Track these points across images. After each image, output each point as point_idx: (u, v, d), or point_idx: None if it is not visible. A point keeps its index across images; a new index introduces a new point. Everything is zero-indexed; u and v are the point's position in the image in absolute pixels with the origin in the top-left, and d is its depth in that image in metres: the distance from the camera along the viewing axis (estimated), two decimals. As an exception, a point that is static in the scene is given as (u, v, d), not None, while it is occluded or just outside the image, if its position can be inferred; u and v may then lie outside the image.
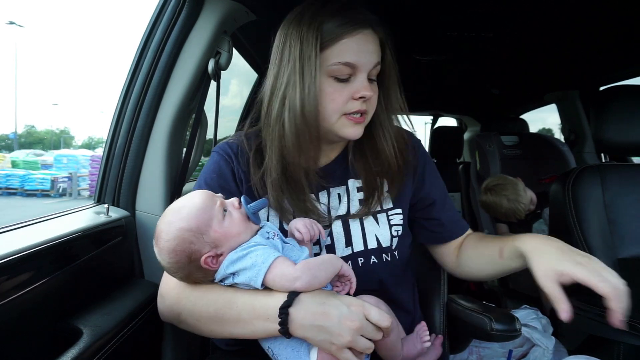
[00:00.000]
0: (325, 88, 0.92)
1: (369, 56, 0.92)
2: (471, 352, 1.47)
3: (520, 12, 1.49)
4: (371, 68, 0.93)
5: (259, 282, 0.79)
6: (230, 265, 0.82)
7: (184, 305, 0.88)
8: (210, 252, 0.82)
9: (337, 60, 0.90)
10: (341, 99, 0.92)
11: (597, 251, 1.44)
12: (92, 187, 12.73)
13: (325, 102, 0.92)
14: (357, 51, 0.91)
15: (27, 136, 47.14)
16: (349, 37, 0.90)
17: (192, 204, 0.84)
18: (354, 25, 0.91)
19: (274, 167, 0.95)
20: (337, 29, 0.90)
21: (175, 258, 0.82)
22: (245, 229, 0.85)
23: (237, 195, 0.98)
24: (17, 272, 0.74)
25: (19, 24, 36.32)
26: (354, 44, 0.91)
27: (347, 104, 0.93)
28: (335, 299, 0.79)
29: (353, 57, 0.90)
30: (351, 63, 0.90)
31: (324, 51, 0.91)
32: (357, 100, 0.92)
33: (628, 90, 1.58)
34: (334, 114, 0.93)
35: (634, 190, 1.50)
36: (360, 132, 0.96)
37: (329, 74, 0.91)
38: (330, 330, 0.75)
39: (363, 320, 0.76)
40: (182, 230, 0.81)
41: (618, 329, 0.84)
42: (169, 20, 1.21)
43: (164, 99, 1.24)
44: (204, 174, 1.02)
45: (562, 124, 2.80)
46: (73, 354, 0.74)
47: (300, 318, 0.77)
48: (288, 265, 0.79)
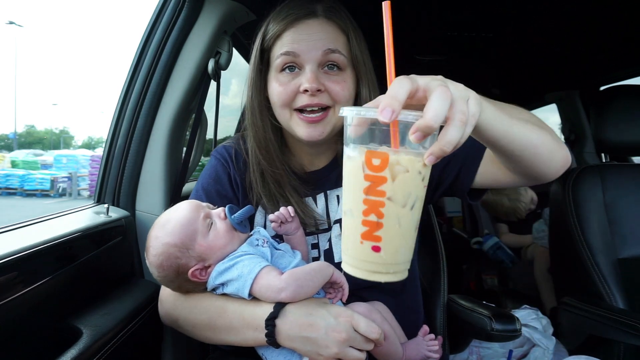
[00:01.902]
0: (274, 84, 0.92)
1: (313, 43, 0.89)
2: (471, 352, 1.47)
3: (520, 12, 1.49)
4: (320, 56, 0.89)
5: (246, 293, 0.80)
6: (218, 276, 0.82)
7: (179, 313, 0.89)
8: (197, 266, 0.83)
9: (279, 52, 0.91)
10: (286, 92, 0.90)
11: (597, 251, 1.44)
12: (92, 187, 12.72)
13: (274, 97, 0.92)
14: (297, 40, 0.90)
15: (27, 136, 47.12)
16: (290, 28, 0.91)
17: (177, 218, 0.84)
18: (295, 16, 0.90)
19: (256, 169, 0.97)
20: (279, 24, 0.91)
21: (163, 272, 0.84)
22: (232, 240, 0.85)
23: (234, 200, 0.98)
24: (17, 272, 0.74)
25: (19, 24, 36.34)
26: (295, 34, 0.90)
27: (296, 99, 0.90)
28: (322, 309, 0.78)
29: (292, 46, 0.89)
30: (290, 52, 0.89)
31: (272, 49, 0.93)
32: (304, 94, 0.89)
33: (628, 90, 1.58)
34: (284, 109, 0.92)
35: (634, 190, 1.50)
36: (317, 134, 0.90)
37: (277, 70, 0.92)
38: (317, 341, 0.76)
39: (351, 331, 0.76)
40: (168, 246, 0.82)
41: (618, 329, 0.83)
42: (169, 20, 1.21)
43: (164, 99, 1.23)
44: (201, 179, 1.02)
45: (562, 124, 2.80)
46: (73, 354, 0.74)
47: (286, 329, 0.77)
48: (274, 276, 0.79)
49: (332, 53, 0.89)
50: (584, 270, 1.44)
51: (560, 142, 0.82)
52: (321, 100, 0.89)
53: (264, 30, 0.94)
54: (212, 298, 0.86)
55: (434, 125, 0.49)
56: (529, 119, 0.77)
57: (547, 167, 0.80)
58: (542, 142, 0.75)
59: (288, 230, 0.90)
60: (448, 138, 0.50)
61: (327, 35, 0.90)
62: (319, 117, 0.89)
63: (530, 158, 0.76)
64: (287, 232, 0.90)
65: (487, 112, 0.63)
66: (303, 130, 0.90)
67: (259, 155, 0.96)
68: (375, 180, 0.51)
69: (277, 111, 0.93)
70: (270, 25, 0.93)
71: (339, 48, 0.90)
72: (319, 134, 0.90)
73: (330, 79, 0.89)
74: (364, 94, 0.95)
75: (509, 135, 0.69)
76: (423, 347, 0.93)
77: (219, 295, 0.85)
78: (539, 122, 0.81)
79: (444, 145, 0.50)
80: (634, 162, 2.09)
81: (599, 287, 1.40)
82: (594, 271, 1.42)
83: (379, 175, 0.51)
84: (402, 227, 0.53)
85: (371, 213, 0.52)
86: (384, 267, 0.54)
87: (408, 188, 0.52)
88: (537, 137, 0.74)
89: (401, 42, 2.12)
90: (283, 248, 0.89)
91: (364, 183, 0.52)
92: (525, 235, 2.73)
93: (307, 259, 0.93)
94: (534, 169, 0.80)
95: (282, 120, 0.94)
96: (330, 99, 0.89)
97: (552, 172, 0.82)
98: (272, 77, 0.93)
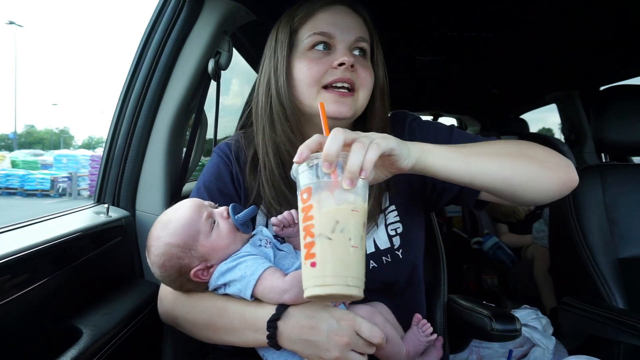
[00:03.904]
0: (303, 61, 0.91)
1: (346, 29, 0.91)
2: (471, 352, 1.47)
3: (520, 12, 1.49)
4: (351, 41, 0.91)
5: (248, 294, 0.79)
6: (220, 276, 0.82)
7: (179, 311, 0.89)
8: (199, 266, 0.82)
9: (312, 32, 0.91)
10: (317, 67, 0.90)
11: (597, 251, 1.44)
12: (92, 187, 12.72)
13: (302, 74, 0.91)
14: (331, 22, 0.91)
15: (27, 136, 47.10)
16: (322, 11, 0.92)
17: (179, 218, 0.83)
18: (327, 0, 0.93)
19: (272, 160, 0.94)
20: (311, 5, 0.93)
21: (165, 272, 0.83)
22: (235, 240, 0.84)
23: (236, 198, 0.98)
24: (17, 272, 0.74)
25: (19, 24, 36.34)
26: (329, 16, 0.92)
27: (326, 74, 0.90)
28: (325, 312, 0.78)
29: (327, 27, 0.91)
30: (325, 32, 0.91)
31: (299, 31, 0.93)
32: (336, 69, 0.89)
33: (628, 90, 1.58)
34: (312, 87, 0.90)
35: (634, 190, 1.50)
36: (346, 109, 0.90)
37: (306, 49, 0.92)
38: (319, 344, 0.75)
39: (353, 335, 0.75)
40: (170, 246, 0.81)
41: (618, 329, 0.84)
42: (169, 20, 1.21)
43: (164, 99, 1.23)
44: (203, 176, 1.02)
45: (562, 124, 2.80)
46: (73, 354, 0.74)
47: (288, 332, 0.77)
48: (277, 278, 0.78)
49: (362, 41, 0.93)
50: (584, 270, 1.44)
51: (551, 167, 0.82)
52: (352, 77, 0.90)
53: (293, 13, 0.95)
54: (212, 297, 0.85)
55: (329, 152, 0.62)
56: (503, 151, 0.81)
57: (532, 194, 0.82)
58: (514, 172, 0.79)
59: (290, 234, 0.89)
60: (351, 161, 0.62)
61: (358, 25, 0.94)
62: (348, 93, 0.90)
63: (506, 189, 0.80)
64: (289, 235, 0.89)
65: (432, 155, 0.73)
66: (331, 105, 0.89)
67: (285, 140, 0.93)
68: (305, 210, 0.64)
69: (302, 90, 0.91)
70: (301, 7, 0.94)
71: (366, 38, 0.94)
72: (347, 110, 0.90)
73: (359, 63, 0.92)
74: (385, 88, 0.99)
75: (467, 174, 0.76)
76: (421, 335, 0.92)
77: (220, 295, 0.84)
78: (522, 151, 0.82)
79: (350, 166, 0.62)
80: (634, 162, 2.09)
81: (599, 287, 1.40)
82: (594, 271, 1.42)
83: (307, 205, 0.64)
84: (332, 242, 0.62)
85: (307, 236, 0.64)
86: (321, 279, 0.62)
87: (334, 216, 0.63)
88: (508, 168, 0.78)
89: (401, 42, 2.13)
90: (286, 249, 0.88)
91: (301, 214, 0.65)
92: (525, 235, 2.73)
93: None
94: (514, 197, 0.83)
95: (307, 100, 0.92)
96: (358, 80, 0.91)
97: (542, 196, 0.84)
98: (298, 57, 0.92)
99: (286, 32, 0.93)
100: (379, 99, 0.98)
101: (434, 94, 3.40)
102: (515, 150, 0.82)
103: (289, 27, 0.94)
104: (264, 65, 0.98)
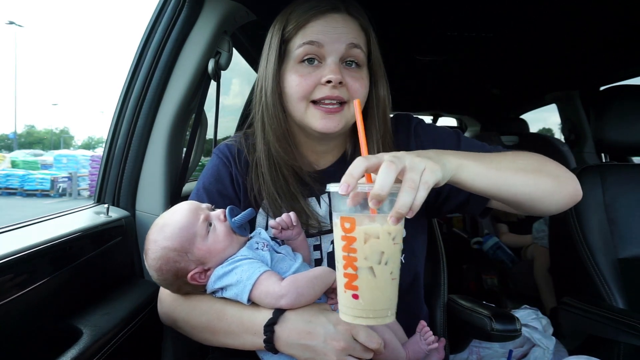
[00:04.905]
0: (292, 75, 0.90)
1: (337, 36, 0.89)
2: (471, 352, 1.47)
3: (520, 12, 1.49)
4: (343, 50, 0.89)
5: (245, 298, 0.79)
6: (217, 280, 0.82)
7: (178, 314, 0.89)
8: (196, 269, 0.82)
9: (302, 42, 0.90)
10: (306, 83, 0.89)
11: (597, 251, 1.44)
12: (92, 187, 12.73)
13: (292, 89, 0.90)
14: (322, 31, 0.89)
15: (27, 136, 47.13)
16: (315, 20, 0.90)
17: (176, 221, 0.83)
18: (322, 8, 0.90)
19: (265, 164, 0.95)
20: (304, 14, 0.91)
21: (162, 276, 0.83)
22: (231, 243, 0.84)
23: (235, 200, 0.97)
24: (17, 272, 0.74)
25: (19, 24, 36.35)
26: (320, 25, 0.90)
27: (315, 91, 0.89)
28: (322, 316, 0.78)
29: (317, 37, 0.89)
30: (314, 41, 0.89)
31: (290, 41, 0.92)
32: (324, 86, 0.88)
33: (628, 90, 1.58)
34: (301, 102, 0.90)
35: (634, 190, 1.50)
36: (333, 125, 0.90)
37: (297, 60, 0.91)
38: (316, 349, 0.75)
39: (350, 340, 0.75)
40: (167, 250, 0.81)
41: (618, 329, 0.84)
42: (169, 20, 1.21)
43: (164, 99, 1.23)
44: (202, 177, 1.01)
45: (562, 124, 2.80)
46: (73, 354, 0.74)
47: (285, 336, 0.77)
48: (273, 282, 0.78)
49: (354, 48, 0.90)
50: (584, 270, 1.44)
51: (563, 181, 0.87)
52: (341, 93, 0.89)
53: (285, 22, 0.93)
54: (211, 300, 0.85)
55: (381, 192, 0.58)
56: (524, 166, 0.83)
57: (547, 206, 0.87)
58: (536, 188, 0.82)
59: (289, 237, 0.89)
60: (401, 202, 0.59)
61: (351, 31, 0.91)
62: (336, 109, 0.89)
63: (526, 202, 0.83)
64: (288, 238, 0.89)
65: (467, 170, 0.72)
66: (319, 121, 0.89)
67: (279, 149, 0.94)
68: (348, 240, 0.62)
69: (292, 104, 0.91)
70: (292, 15, 0.92)
71: (360, 44, 0.91)
72: (335, 126, 0.90)
73: (350, 75, 0.90)
74: (381, 93, 0.97)
75: (494, 187, 0.77)
76: (422, 343, 0.91)
77: (218, 298, 0.85)
78: (539, 166, 0.86)
79: (399, 207, 0.59)
80: (634, 162, 2.09)
81: (598, 287, 1.40)
82: (594, 271, 1.42)
83: (350, 235, 0.62)
84: (377, 279, 0.62)
85: (348, 267, 0.63)
86: (364, 312, 0.63)
87: (379, 248, 0.62)
88: (530, 184, 0.81)
89: (401, 42, 2.12)
90: (283, 251, 0.88)
91: (341, 242, 0.63)
92: (525, 235, 2.73)
93: (309, 261, 0.92)
94: (532, 209, 0.87)
95: (297, 113, 0.92)
96: (348, 94, 0.90)
97: (554, 208, 0.89)
98: (289, 69, 0.92)
99: (277, 41, 0.92)
100: (375, 105, 0.97)
101: (434, 94, 3.40)
102: (536, 166, 0.85)
103: (281, 36, 0.92)
104: (259, 70, 0.97)
